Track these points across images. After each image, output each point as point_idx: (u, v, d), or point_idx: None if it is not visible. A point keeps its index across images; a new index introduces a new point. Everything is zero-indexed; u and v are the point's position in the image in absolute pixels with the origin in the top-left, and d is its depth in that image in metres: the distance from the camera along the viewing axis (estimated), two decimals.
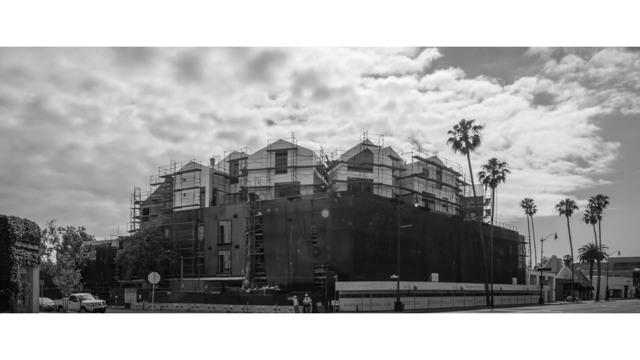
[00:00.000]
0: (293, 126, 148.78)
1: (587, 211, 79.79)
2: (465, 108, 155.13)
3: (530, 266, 77.02)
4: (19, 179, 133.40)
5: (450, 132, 53.68)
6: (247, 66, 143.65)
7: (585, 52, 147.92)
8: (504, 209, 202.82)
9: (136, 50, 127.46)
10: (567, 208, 76.12)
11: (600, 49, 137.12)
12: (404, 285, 42.68)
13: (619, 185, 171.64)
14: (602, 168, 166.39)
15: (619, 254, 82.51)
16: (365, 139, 52.61)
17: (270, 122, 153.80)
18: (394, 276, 40.91)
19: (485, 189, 60.17)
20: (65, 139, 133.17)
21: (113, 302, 51.79)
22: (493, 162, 56.47)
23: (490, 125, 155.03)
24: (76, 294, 41.01)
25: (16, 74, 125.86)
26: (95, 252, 54.79)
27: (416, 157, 55.34)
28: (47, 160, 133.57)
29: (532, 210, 76.17)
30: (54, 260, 52.26)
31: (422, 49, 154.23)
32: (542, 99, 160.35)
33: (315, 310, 37.97)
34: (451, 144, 53.38)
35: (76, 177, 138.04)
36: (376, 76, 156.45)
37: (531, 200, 76.65)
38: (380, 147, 52.44)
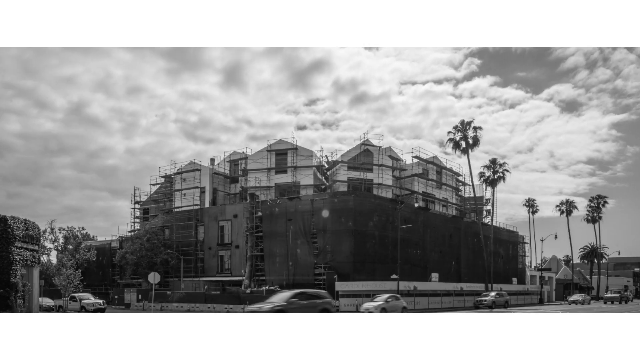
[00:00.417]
0: (322, 131, 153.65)
1: (587, 211, 79.84)
2: (496, 113, 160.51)
3: (530, 266, 77.03)
4: (37, 179, 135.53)
5: (449, 132, 53.74)
6: (291, 74, 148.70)
7: (615, 67, 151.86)
8: (517, 209, 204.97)
9: (185, 59, 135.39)
10: (567, 208, 76.14)
11: (631, 62, 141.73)
12: (404, 285, 42.65)
13: (620, 185, 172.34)
14: (621, 171, 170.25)
15: (619, 254, 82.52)
16: (365, 139, 52.63)
17: (302, 127, 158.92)
18: (394, 276, 40.90)
19: (485, 189, 60.24)
20: (99, 142, 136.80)
21: (113, 302, 51.79)
22: (493, 162, 56.51)
23: (518, 129, 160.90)
24: (76, 294, 41.02)
25: (65, 81, 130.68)
26: (95, 252, 54.83)
27: (416, 157, 55.35)
28: (71, 162, 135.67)
29: (534, 210, 76.19)
30: (54, 260, 52.28)
31: (464, 61, 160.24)
32: (571, 106, 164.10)
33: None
34: (451, 144, 53.44)
35: (96, 178, 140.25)
36: (414, 83, 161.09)
37: (533, 200, 76.68)
38: (380, 147, 52.44)
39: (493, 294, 45.01)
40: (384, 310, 30.63)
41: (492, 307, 42.20)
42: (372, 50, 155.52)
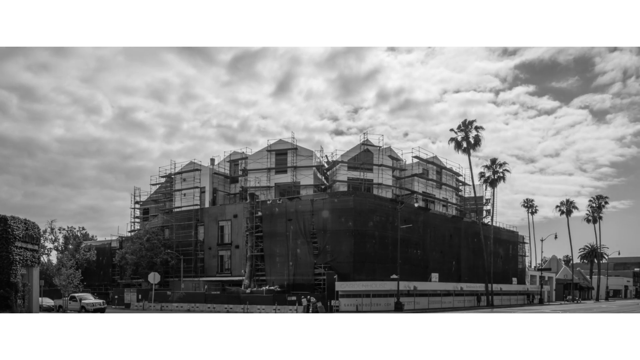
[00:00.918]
0: (356, 136, 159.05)
1: (587, 211, 79.87)
2: (531, 119, 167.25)
3: (530, 266, 77.03)
4: (59, 179, 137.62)
5: (452, 130, 53.72)
6: (341, 84, 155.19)
7: None
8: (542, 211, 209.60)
9: (243, 70, 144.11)
10: (567, 208, 76.15)
11: None
12: (404, 285, 42.66)
13: (621, 185, 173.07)
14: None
15: (619, 254, 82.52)
16: (365, 139, 52.62)
17: (339, 132, 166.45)
18: (394, 276, 40.90)
19: (485, 189, 60.24)
20: (138, 145, 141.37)
21: (113, 302, 51.78)
22: (493, 162, 56.50)
23: (548, 134, 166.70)
24: (76, 294, 41.02)
25: (122, 89, 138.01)
26: (96, 252, 54.85)
27: (416, 157, 55.33)
28: (100, 163, 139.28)
29: (534, 211, 76.20)
30: (54, 260, 52.30)
31: (507, 71, 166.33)
32: (601, 114, 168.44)
33: (315, 310, 37.98)
34: (453, 144, 53.41)
35: (121, 179, 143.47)
36: (457, 91, 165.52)
37: (532, 200, 76.71)
38: (380, 147, 52.43)
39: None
40: None
41: None
42: (422, 63, 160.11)
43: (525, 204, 76.45)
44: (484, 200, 63.87)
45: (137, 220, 61.68)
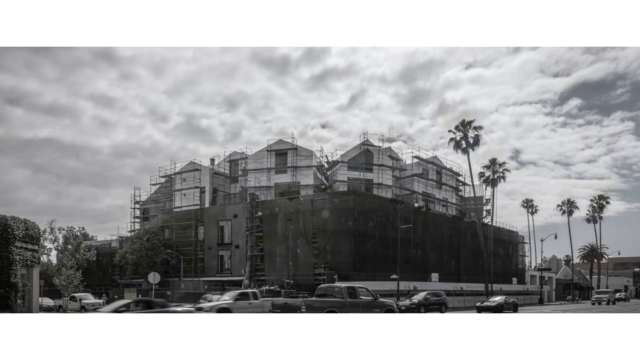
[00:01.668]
0: (399, 142, 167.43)
1: (588, 211, 79.89)
2: (580, 127, 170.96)
3: (530, 266, 77.04)
4: (90, 179, 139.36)
5: (450, 131, 53.75)
6: (405, 99, 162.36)
7: None
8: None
9: (319, 85, 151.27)
10: (567, 208, 76.15)
11: None
12: (404, 285, 42.65)
13: (623, 183, 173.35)
14: None
15: (619, 254, 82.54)
16: (365, 139, 52.62)
17: (391, 139, 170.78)
18: (394, 276, 40.89)
19: (485, 189, 60.27)
20: (192, 149, 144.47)
21: (113, 302, 51.75)
22: (493, 162, 56.54)
23: (589, 143, 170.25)
24: (76, 294, 41.03)
25: (200, 101, 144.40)
26: (96, 252, 54.85)
27: (416, 157, 55.34)
28: (141, 164, 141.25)
29: (533, 211, 76.24)
30: (54, 260, 52.27)
31: (562, 87, 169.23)
32: None
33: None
34: (452, 144, 53.43)
35: (154, 180, 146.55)
36: (515, 104, 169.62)
37: (531, 200, 76.75)
38: (380, 147, 52.43)
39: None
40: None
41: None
42: (482, 82, 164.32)
43: (525, 204, 76.51)
44: (484, 200, 63.91)
45: (137, 220, 61.67)
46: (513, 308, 37.86)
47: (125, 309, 18.56)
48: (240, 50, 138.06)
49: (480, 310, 36.61)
